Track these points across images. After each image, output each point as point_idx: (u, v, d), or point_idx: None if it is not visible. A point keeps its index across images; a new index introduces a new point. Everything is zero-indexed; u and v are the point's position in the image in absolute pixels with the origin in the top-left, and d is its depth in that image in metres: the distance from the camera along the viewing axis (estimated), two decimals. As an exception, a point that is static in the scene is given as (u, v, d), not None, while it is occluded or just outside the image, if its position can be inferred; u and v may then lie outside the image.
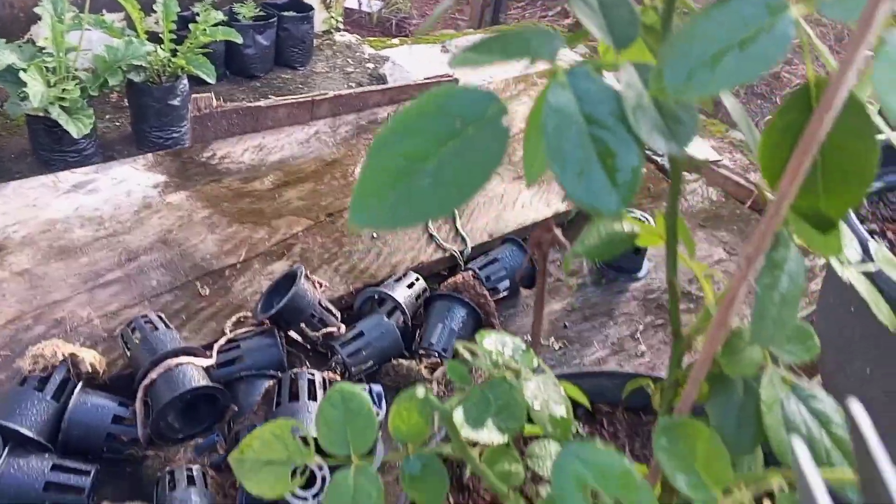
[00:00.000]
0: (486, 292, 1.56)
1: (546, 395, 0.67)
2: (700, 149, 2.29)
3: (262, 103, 1.84)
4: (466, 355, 0.68)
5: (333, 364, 1.40)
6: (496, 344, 0.71)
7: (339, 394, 0.70)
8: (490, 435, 0.76)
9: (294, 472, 0.68)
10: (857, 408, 0.37)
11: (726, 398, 0.59)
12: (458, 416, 0.63)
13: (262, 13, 3.91)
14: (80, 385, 1.21)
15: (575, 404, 0.76)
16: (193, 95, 1.77)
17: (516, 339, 0.74)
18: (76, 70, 3.18)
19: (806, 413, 0.57)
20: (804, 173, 0.43)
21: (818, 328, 0.64)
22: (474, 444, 0.69)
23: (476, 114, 0.43)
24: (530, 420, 0.66)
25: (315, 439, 0.72)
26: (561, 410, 0.66)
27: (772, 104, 4.97)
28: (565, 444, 0.52)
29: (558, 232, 0.66)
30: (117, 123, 3.67)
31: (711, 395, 0.60)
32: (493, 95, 0.44)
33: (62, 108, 3.13)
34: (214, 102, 1.75)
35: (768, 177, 0.49)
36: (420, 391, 0.59)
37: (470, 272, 1.61)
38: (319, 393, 1.23)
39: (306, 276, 1.45)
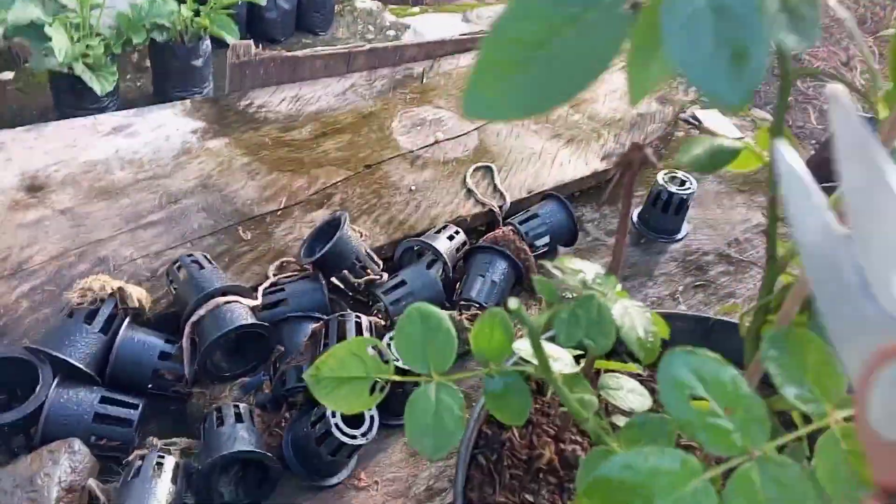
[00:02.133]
0: (525, 247, 1.55)
1: (633, 318, 0.65)
2: (722, 125, 2.26)
3: (299, 53, 1.82)
4: (556, 272, 0.67)
5: (375, 312, 1.39)
6: (578, 266, 0.70)
7: (418, 311, 0.69)
8: (562, 364, 0.75)
9: (373, 389, 0.67)
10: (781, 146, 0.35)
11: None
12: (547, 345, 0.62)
13: (285, -24, 3.87)
14: (127, 319, 1.21)
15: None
16: (232, 42, 1.75)
17: (596, 265, 0.73)
18: (99, 28, 3.16)
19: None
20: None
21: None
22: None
23: None
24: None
25: (393, 357, 0.72)
26: (648, 334, 0.65)
27: (793, 87, 4.91)
28: (671, 351, 0.51)
29: (649, 152, 0.65)
30: (139, 84, 3.65)
31: (811, 316, 0.59)
32: None
33: (86, 64, 3.12)
34: (253, 50, 1.73)
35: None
36: (513, 302, 0.58)
37: (510, 227, 1.60)
38: (366, 335, 1.22)
39: (349, 224, 1.44)
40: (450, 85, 2.02)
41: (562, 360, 0.74)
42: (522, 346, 0.66)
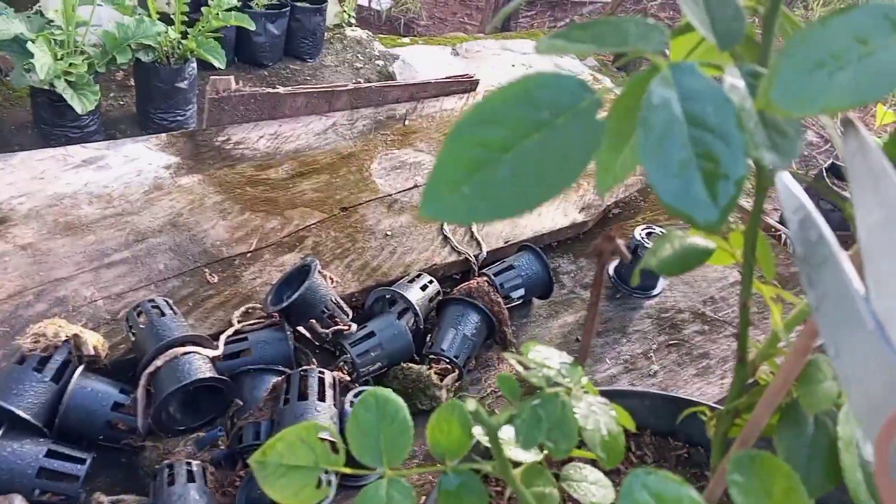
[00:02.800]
0: (500, 299, 1.52)
1: (598, 416, 0.63)
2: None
3: (280, 90, 1.80)
4: (517, 367, 0.64)
5: (341, 363, 1.35)
6: (542, 356, 0.67)
7: (374, 397, 0.66)
8: (524, 453, 0.72)
9: (319, 482, 0.63)
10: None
11: (797, 432, 0.55)
12: (507, 433, 0.59)
13: (275, 2, 3.88)
14: (80, 368, 1.16)
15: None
16: (212, 77, 1.73)
17: (563, 353, 0.70)
18: (84, 45, 3.12)
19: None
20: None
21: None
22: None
23: (568, 104, 0.39)
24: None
25: (345, 446, 0.68)
26: (612, 433, 0.62)
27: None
28: (632, 472, 0.48)
29: (621, 243, 0.63)
30: (121, 102, 3.62)
31: (780, 428, 0.56)
32: (587, 85, 0.40)
33: (68, 82, 3.08)
34: (233, 85, 1.71)
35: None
36: (471, 404, 0.55)
37: (484, 278, 1.57)
38: (329, 393, 1.19)
39: (319, 271, 1.40)
40: (432, 128, 2.00)
41: (526, 451, 0.71)
42: (482, 433, 0.63)
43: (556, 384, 0.63)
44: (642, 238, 1.71)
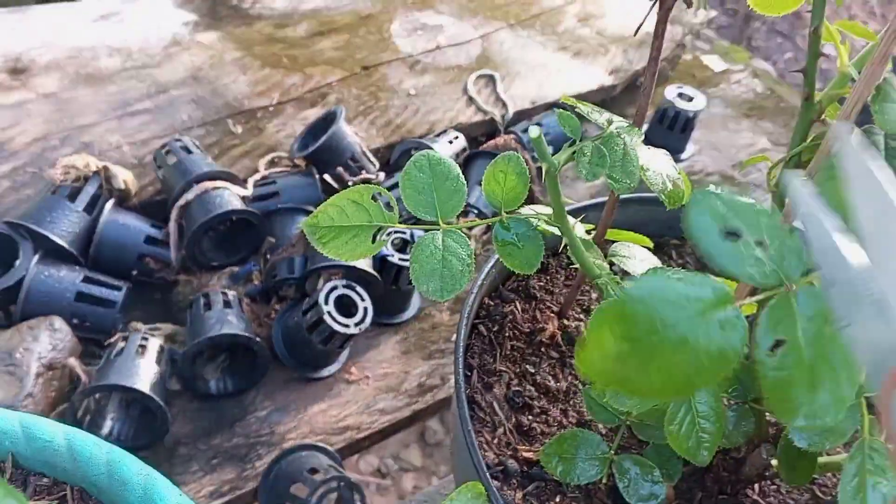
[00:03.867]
0: (528, 157, 1.50)
1: (659, 161, 0.61)
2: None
3: (297, -52, 1.73)
4: (580, 107, 0.62)
5: (370, 210, 1.34)
6: (597, 111, 0.65)
7: (427, 158, 0.64)
8: (576, 230, 0.71)
9: (375, 237, 0.62)
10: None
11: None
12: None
13: None
14: (112, 201, 1.16)
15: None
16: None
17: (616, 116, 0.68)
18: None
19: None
20: None
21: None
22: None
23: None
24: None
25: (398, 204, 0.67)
26: (672, 180, 0.61)
27: (792, 42, 4.82)
28: (698, 188, 0.46)
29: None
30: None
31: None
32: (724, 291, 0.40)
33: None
34: (249, -59, 1.65)
35: None
36: (534, 131, 0.54)
37: (512, 135, 1.55)
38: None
39: (345, 120, 1.38)
40: (453, -8, 1.94)
41: (574, 226, 0.70)
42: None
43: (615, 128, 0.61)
44: (674, 99, 1.67)
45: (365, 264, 1.15)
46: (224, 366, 1.10)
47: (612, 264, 0.72)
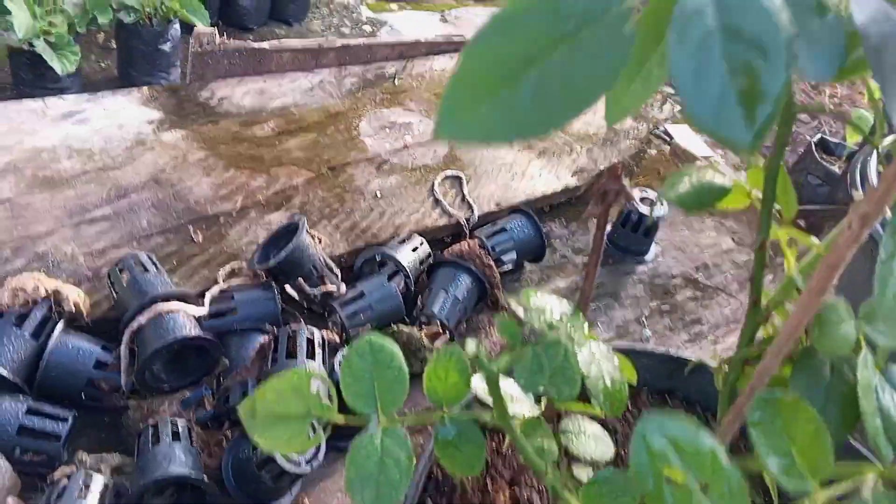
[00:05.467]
0: (491, 262, 1.49)
1: (600, 364, 0.60)
2: (693, 141, 2.24)
3: (266, 45, 1.74)
4: (518, 311, 0.61)
5: (331, 325, 1.33)
6: (544, 303, 0.64)
7: (368, 344, 0.63)
8: (522, 407, 0.70)
9: (315, 428, 0.61)
10: None
11: (813, 378, 0.53)
12: (505, 386, 0.57)
13: (262, -38, 3.77)
14: (61, 324, 1.13)
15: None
16: (196, 29, 1.67)
17: (563, 300, 0.68)
18: (64, 4, 3.03)
19: (898, 402, 0.51)
20: None
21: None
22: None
23: (595, 13, 0.35)
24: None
25: (338, 393, 0.65)
26: (615, 383, 0.60)
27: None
28: (645, 415, 0.45)
29: (626, 182, 0.59)
30: (103, 65, 3.52)
31: (794, 374, 0.54)
32: None
33: (47, 42, 2.98)
34: (217, 39, 1.65)
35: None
36: (471, 345, 0.53)
37: (476, 240, 1.54)
38: (318, 352, 1.16)
39: (307, 230, 1.37)
40: (422, 88, 1.96)
41: (522, 402, 0.69)
42: (480, 385, 0.61)
43: (556, 330, 0.60)
44: (636, 203, 1.68)
45: (320, 391, 1.12)
46: (172, 500, 1.06)
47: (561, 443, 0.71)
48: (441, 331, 1.37)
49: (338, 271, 1.38)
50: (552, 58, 0.35)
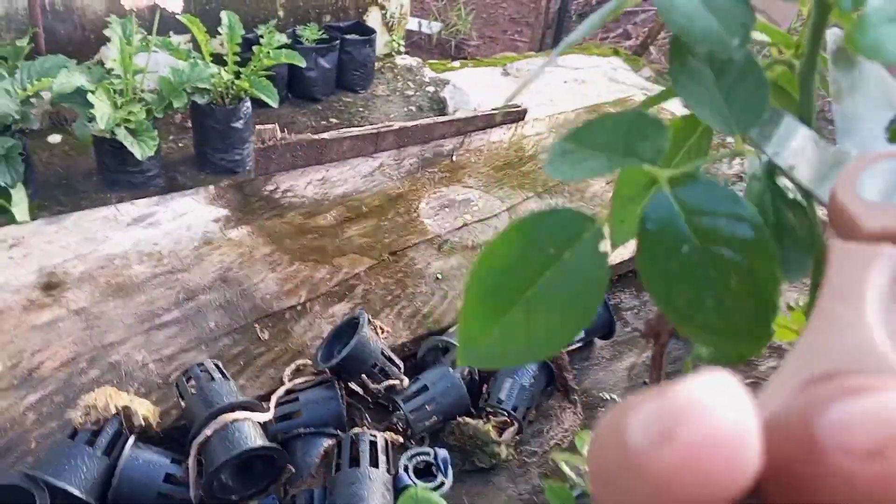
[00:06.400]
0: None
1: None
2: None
3: (326, 135, 1.78)
4: (569, 472, 0.58)
5: (395, 420, 1.31)
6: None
7: (414, 500, 0.61)
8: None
9: None
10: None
11: None
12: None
13: (325, 36, 3.90)
14: (132, 439, 1.15)
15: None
16: (257, 127, 1.72)
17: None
18: (142, 91, 3.20)
19: None
20: None
21: None
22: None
23: (570, 238, 0.37)
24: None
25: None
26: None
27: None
28: None
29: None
30: (181, 144, 3.69)
31: None
32: (585, 216, 0.38)
33: (128, 129, 3.14)
34: (278, 134, 1.70)
35: None
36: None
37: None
38: (381, 458, 1.14)
39: (369, 322, 1.37)
40: (480, 162, 1.96)
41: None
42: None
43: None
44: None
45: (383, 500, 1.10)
46: None
47: None
48: (509, 420, 1.34)
49: (400, 363, 1.37)
50: (542, 281, 0.37)
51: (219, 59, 3.38)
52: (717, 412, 0.16)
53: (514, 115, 2.00)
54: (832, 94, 0.40)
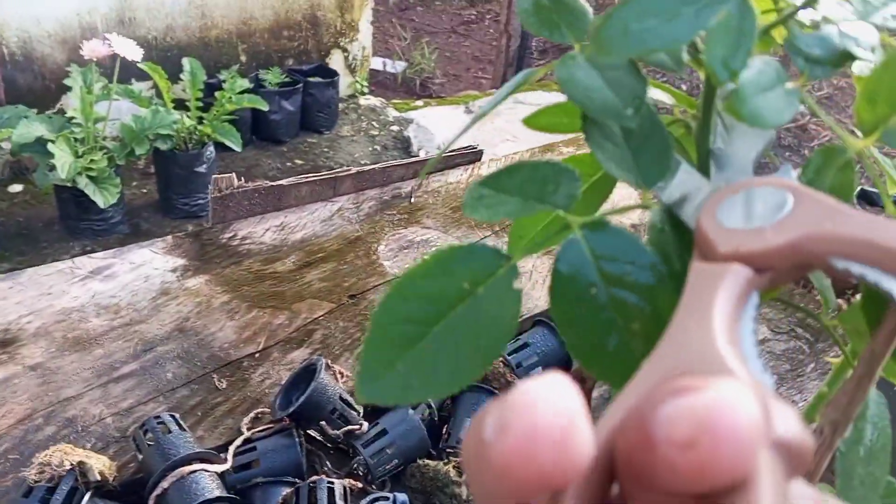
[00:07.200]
0: (516, 381, 1.48)
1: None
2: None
3: (283, 182, 1.81)
4: None
5: (355, 465, 1.32)
6: None
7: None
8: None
9: None
10: None
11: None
12: None
13: (287, 79, 3.95)
14: (87, 495, 1.15)
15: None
16: (214, 176, 1.74)
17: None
18: (104, 139, 3.20)
19: None
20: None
21: None
22: None
23: (486, 273, 0.38)
24: None
25: None
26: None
27: (801, 157, 4.89)
28: None
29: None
30: (144, 190, 3.69)
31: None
32: (501, 254, 0.39)
33: (89, 177, 3.14)
34: (235, 182, 1.72)
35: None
36: None
37: (499, 359, 1.53)
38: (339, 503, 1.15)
39: (327, 366, 1.38)
40: (438, 203, 1.99)
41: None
42: None
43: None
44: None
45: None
46: None
47: None
48: (468, 461, 1.35)
49: (359, 408, 1.38)
50: (454, 314, 0.37)
51: (181, 105, 3.41)
52: (546, 406, 0.18)
53: (471, 157, 2.04)
54: (714, 134, 0.43)
